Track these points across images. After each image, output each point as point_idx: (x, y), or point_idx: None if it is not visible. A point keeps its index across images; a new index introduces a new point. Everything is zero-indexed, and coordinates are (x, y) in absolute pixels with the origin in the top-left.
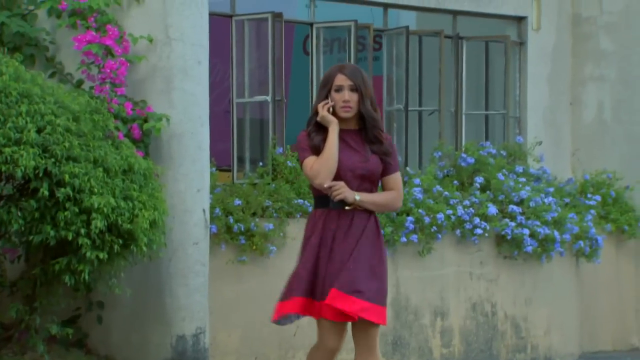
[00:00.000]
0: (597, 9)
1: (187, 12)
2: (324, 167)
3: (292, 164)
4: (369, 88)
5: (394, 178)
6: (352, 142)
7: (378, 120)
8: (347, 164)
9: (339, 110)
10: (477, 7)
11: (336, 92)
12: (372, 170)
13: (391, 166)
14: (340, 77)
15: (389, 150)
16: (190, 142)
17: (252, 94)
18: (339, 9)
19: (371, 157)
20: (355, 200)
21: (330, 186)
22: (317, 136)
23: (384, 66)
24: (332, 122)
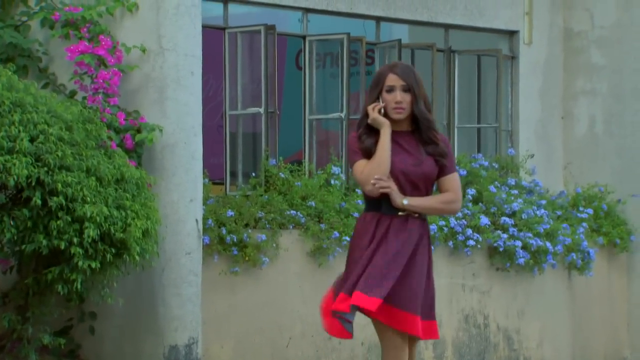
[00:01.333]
0: (588, 23)
1: (181, 22)
2: (375, 171)
3: (284, 175)
4: (422, 88)
5: (450, 179)
6: (405, 144)
7: (432, 121)
8: (400, 167)
9: (390, 112)
10: (469, 21)
11: (388, 93)
12: (426, 173)
13: (447, 167)
14: (391, 77)
15: (444, 151)
16: (183, 152)
17: (245, 106)
18: (331, 23)
19: (426, 159)
20: (403, 204)
21: (376, 183)
22: (368, 139)
23: None
24: (384, 124)
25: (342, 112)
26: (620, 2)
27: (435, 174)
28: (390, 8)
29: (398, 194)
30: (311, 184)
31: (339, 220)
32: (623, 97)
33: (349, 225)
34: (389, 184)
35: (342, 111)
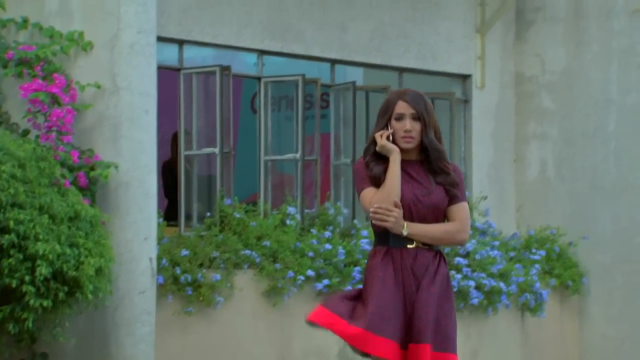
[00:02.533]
0: (539, 68)
1: (135, 61)
2: (385, 200)
3: (239, 215)
4: (433, 116)
5: (457, 208)
6: (414, 173)
7: (443, 152)
8: (409, 196)
9: (399, 141)
10: (423, 65)
11: (397, 121)
12: (436, 203)
13: (456, 197)
14: (401, 104)
15: (455, 181)
16: (137, 190)
17: (199, 147)
18: (287, 66)
19: (435, 189)
20: (402, 233)
21: (376, 212)
22: (376, 166)
23: (331, 124)
24: (394, 150)
25: (297, 153)
26: (570, 48)
27: (445, 204)
28: (344, 51)
29: (399, 222)
30: (266, 224)
31: (294, 260)
32: (573, 142)
33: (303, 265)
34: (392, 213)
35: (297, 152)
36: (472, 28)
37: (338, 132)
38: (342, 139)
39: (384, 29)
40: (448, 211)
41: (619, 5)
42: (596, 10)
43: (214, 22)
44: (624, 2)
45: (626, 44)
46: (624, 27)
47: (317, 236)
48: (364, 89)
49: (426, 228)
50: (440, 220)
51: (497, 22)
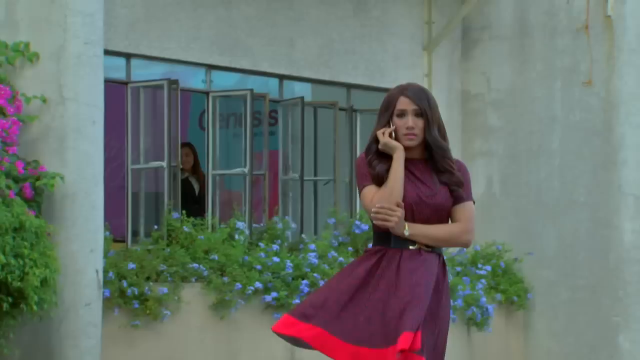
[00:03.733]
0: (485, 86)
1: (82, 72)
2: (387, 200)
3: (187, 229)
4: (437, 112)
5: (462, 208)
6: (418, 172)
7: (447, 149)
8: (412, 196)
9: (401, 138)
10: (371, 81)
11: (399, 118)
12: (440, 204)
13: (461, 196)
14: (403, 100)
15: (460, 180)
16: (84, 201)
17: (147, 160)
18: (235, 81)
19: (440, 190)
20: (404, 234)
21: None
22: (379, 164)
23: (280, 140)
24: (397, 148)
25: (245, 167)
26: (515, 67)
27: (449, 204)
28: (293, 66)
29: (401, 223)
30: (214, 238)
31: (242, 273)
32: (518, 158)
33: (251, 278)
34: (395, 213)
35: (246, 166)
36: (419, 46)
37: (286, 148)
38: (290, 155)
39: (333, 46)
40: (452, 211)
41: (563, 25)
42: (541, 29)
43: (162, 36)
44: (567, 21)
45: (570, 63)
46: (568, 46)
47: (265, 250)
48: (312, 104)
49: (429, 229)
50: (444, 221)
51: (443, 40)
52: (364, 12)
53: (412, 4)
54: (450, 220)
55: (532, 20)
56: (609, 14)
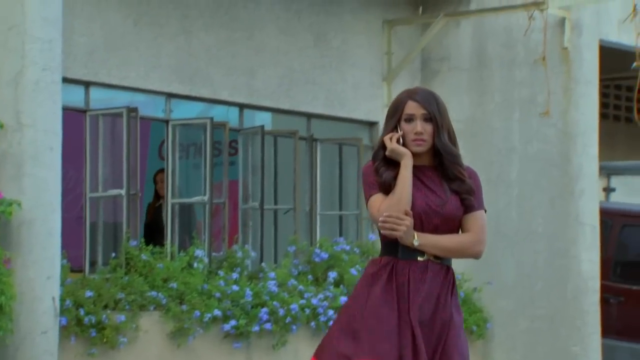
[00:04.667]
0: None
1: (40, 98)
2: (394, 208)
3: (146, 257)
4: (447, 117)
5: (473, 217)
6: (427, 180)
7: (458, 156)
8: (421, 204)
9: (409, 144)
10: (331, 111)
11: (406, 123)
12: (451, 213)
13: (472, 205)
14: (411, 104)
15: (471, 188)
16: (41, 228)
17: (105, 189)
18: (195, 112)
19: (450, 199)
20: (413, 244)
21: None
22: (387, 172)
23: (239, 170)
24: (405, 154)
25: (205, 195)
26: (473, 98)
27: (460, 214)
28: (253, 96)
29: (410, 232)
30: (173, 266)
31: (201, 301)
32: None
33: (210, 306)
34: (403, 222)
35: (205, 195)
36: (379, 76)
37: (246, 177)
38: (250, 184)
39: (293, 75)
40: (463, 220)
41: (521, 57)
42: (499, 60)
43: (121, 65)
44: (525, 53)
45: (527, 94)
46: (525, 77)
47: (225, 278)
48: (273, 133)
49: (439, 239)
50: (454, 232)
51: (402, 71)
52: (324, 42)
53: (372, 35)
54: (460, 230)
55: (490, 52)
56: (566, 46)
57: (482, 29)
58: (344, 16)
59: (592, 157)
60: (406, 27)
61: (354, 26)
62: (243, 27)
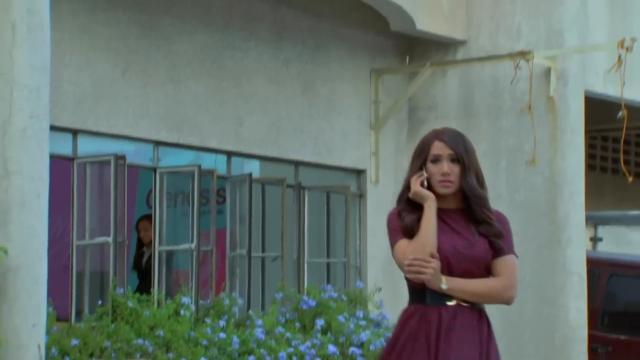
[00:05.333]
0: None
1: (27, 145)
2: (419, 252)
3: (132, 304)
4: (474, 158)
5: (503, 262)
6: (454, 223)
7: (485, 198)
8: (448, 248)
9: (435, 186)
10: (319, 159)
11: (433, 163)
12: (478, 256)
13: (502, 249)
14: (437, 144)
15: (500, 231)
16: (27, 275)
17: (93, 237)
18: (183, 160)
19: (478, 241)
20: (441, 288)
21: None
22: (409, 215)
23: (227, 218)
24: (428, 197)
25: (192, 243)
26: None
27: (489, 257)
28: (241, 143)
29: (437, 276)
30: (160, 314)
31: (188, 349)
32: None
33: (197, 354)
34: (430, 264)
35: (193, 242)
36: (367, 125)
37: (234, 225)
38: (238, 232)
39: (281, 123)
40: (493, 265)
41: (507, 105)
42: (485, 109)
43: (110, 113)
44: (511, 102)
45: (514, 143)
46: (512, 126)
47: (212, 325)
48: (260, 181)
49: (468, 283)
50: (483, 276)
51: (390, 119)
52: (312, 91)
53: (359, 83)
54: (490, 276)
55: (477, 100)
56: (552, 95)
57: (468, 78)
58: (332, 65)
59: (579, 206)
60: (393, 76)
61: (342, 75)
62: (231, 75)
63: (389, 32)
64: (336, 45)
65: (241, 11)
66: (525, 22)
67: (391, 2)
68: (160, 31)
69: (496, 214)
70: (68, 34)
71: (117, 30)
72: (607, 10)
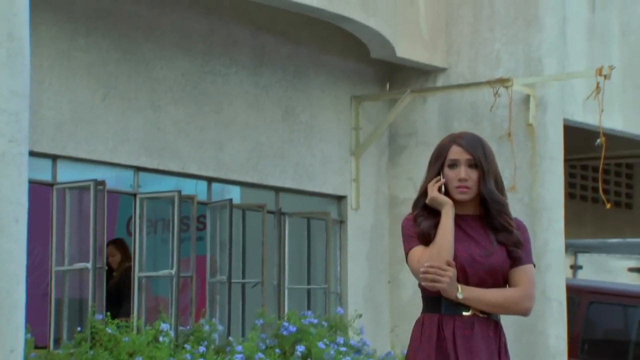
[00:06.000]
0: (412, 191)
1: (6, 170)
2: (435, 259)
3: (111, 330)
4: (494, 163)
5: (522, 271)
6: (471, 230)
7: (505, 204)
8: (464, 256)
9: (453, 191)
10: (299, 185)
11: (450, 169)
12: (496, 265)
13: (520, 258)
14: (455, 149)
15: (519, 240)
16: (5, 301)
17: (72, 263)
18: (163, 186)
19: (496, 250)
20: (457, 297)
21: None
22: (425, 221)
23: (207, 245)
24: (446, 203)
25: (172, 269)
26: None
27: (507, 267)
28: (221, 169)
29: (453, 284)
30: (139, 340)
31: None
32: None
33: None
34: (446, 272)
35: (173, 268)
36: (347, 151)
37: (214, 251)
38: (218, 259)
39: (261, 149)
40: (510, 275)
41: (487, 132)
42: None
43: (89, 138)
44: (491, 129)
45: None
46: None
47: (191, 352)
48: (241, 207)
49: (485, 293)
50: (500, 286)
51: (370, 145)
52: (293, 117)
53: (340, 109)
54: (508, 286)
55: (456, 127)
56: (531, 123)
57: (448, 105)
58: (312, 92)
59: (558, 232)
60: (374, 103)
61: (322, 101)
62: (212, 101)
63: (370, 59)
64: (316, 71)
65: (221, 37)
66: (504, 50)
67: (371, 29)
68: (141, 57)
69: (515, 221)
70: (47, 59)
71: (97, 56)
72: (585, 38)
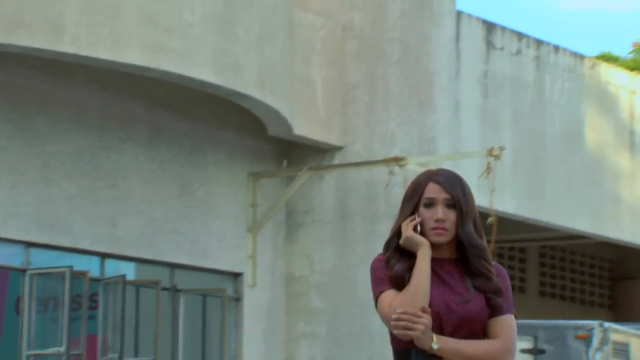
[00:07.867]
0: (308, 269)
1: None
2: (409, 304)
3: None
4: (472, 204)
5: (501, 322)
6: (446, 275)
7: (484, 249)
8: (439, 303)
9: (428, 232)
10: (195, 261)
11: (426, 208)
12: (473, 313)
13: (500, 307)
14: (432, 187)
15: (499, 287)
16: None
17: None
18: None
19: (473, 297)
20: (431, 348)
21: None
22: (399, 263)
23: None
24: (423, 244)
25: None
26: (337, 250)
27: (485, 316)
28: (115, 245)
29: (428, 333)
30: None
31: None
32: (340, 340)
33: None
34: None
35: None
36: (244, 227)
37: (106, 330)
38: (110, 337)
39: (156, 225)
40: (489, 325)
41: (381, 210)
42: (360, 214)
43: None
44: (386, 207)
45: None
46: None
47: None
48: (135, 283)
49: (462, 344)
50: (478, 336)
51: (267, 222)
52: (189, 193)
53: (237, 186)
54: (486, 337)
55: (352, 205)
56: None
57: (344, 182)
58: (209, 168)
59: None
60: (271, 180)
61: (219, 178)
62: (106, 176)
63: (267, 137)
64: (213, 148)
65: (117, 112)
66: (399, 129)
67: (269, 106)
68: (33, 131)
69: (495, 267)
70: None
71: None
72: (478, 122)
